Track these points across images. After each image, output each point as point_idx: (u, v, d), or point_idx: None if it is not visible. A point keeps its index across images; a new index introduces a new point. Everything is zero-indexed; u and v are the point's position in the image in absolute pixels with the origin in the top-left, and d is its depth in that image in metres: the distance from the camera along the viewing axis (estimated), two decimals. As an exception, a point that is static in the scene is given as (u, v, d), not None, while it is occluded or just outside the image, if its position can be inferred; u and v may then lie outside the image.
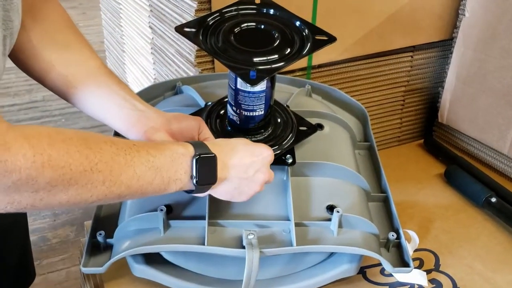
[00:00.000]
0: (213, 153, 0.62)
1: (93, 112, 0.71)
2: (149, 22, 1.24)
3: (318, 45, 0.72)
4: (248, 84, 0.68)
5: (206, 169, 0.62)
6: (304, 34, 0.74)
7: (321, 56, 1.08)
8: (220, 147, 0.65)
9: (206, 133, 0.73)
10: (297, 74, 1.08)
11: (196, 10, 0.94)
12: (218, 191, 0.66)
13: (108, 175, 0.54)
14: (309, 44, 0.72)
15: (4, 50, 0.56)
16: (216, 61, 1.02)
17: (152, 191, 0.60)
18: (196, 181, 0.62)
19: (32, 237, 1.00)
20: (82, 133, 0.55)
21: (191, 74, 1.03)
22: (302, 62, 1.06)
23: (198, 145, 0.63)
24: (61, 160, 0.51)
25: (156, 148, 0.60)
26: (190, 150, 0.62)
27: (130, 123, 0.70)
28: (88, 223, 0.80)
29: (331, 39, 0.73)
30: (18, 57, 0.68)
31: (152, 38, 1.25)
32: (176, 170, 0.60)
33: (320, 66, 1.10)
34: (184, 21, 0.96)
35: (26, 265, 0.94)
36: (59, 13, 0.70)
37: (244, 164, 0.65)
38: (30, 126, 0.51)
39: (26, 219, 0.95)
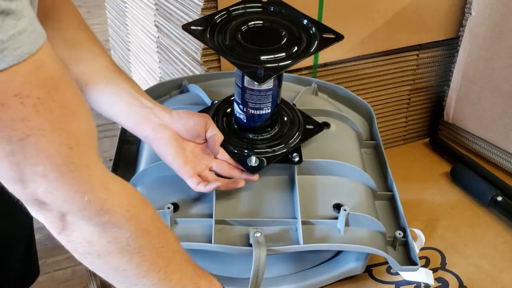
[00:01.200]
0: None
1: (102, 109, 0.71)
2: (154, 20, 1.24)
3: (325, 43, 0.72)
4: (255, 82, 0.68)
5: None
6: (311, 32, 0.74)
7: (327, 54, 1.07)
8: None
9: (213, 130, 0.73)
10: (303, 72, 1.08)
11: (202, 9, 0.94)
12: None
13: (143, 275, 0.53)
14: (316, 42, 0.72)
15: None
16: (222, 59, 1.02)
17: None
18: None
19: (38, 236, 1.00)
20: (163, 224, 0.56)
21: (197, 72, 1.03)
22: (308, 61, 1.06)
23: None
24: (144, 223, 0.51)
25: (191, 281, 0.58)
26: None
27: (137, 120, 0.70)
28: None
29: (339, 37, 0.73)
30: None
31: (158, 36, 1.25)
32: None
33: (326, 64, 1.10)
34: (190, 20, 0.96)
35: (31, 261, 0.95)
36: (70, 11, 0.70)
37: None
38: (126, 182, 0.52)
39: (31, 217, 0.95)
